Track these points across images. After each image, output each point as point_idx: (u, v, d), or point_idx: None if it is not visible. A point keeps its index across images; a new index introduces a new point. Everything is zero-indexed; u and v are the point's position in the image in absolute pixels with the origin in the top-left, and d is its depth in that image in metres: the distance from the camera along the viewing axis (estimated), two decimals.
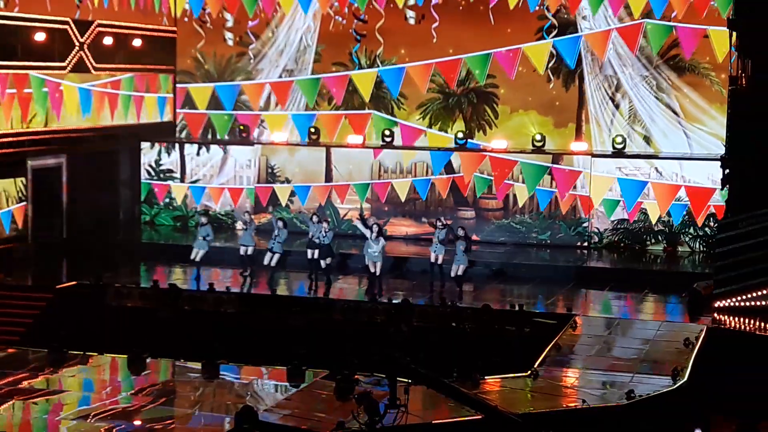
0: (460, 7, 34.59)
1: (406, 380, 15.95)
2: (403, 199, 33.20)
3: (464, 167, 32.49)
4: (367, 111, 35.04)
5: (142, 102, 35.22)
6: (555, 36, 34.00)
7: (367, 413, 15.04)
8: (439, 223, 27.97)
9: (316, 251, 27.67)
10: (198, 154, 34.63)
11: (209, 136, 36.59)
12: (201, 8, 36.27)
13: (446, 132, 34.85)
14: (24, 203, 30.27)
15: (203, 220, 28.90)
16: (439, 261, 27.52)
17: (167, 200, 34.71)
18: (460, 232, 27.34)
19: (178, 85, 36.80)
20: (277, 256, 28.03)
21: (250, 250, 28.43)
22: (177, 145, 34.85)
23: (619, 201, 31.68)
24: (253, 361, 22.39)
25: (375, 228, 27.35)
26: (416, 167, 33.25)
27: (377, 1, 35.04)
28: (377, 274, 27.11)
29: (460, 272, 27.03)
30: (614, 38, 33.62)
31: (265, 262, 28.05)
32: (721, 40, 31.51)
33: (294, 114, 35.70)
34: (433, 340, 23.41)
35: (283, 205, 34.06)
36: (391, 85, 35.28)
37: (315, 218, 28.35)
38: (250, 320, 25.17)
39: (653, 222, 31.43)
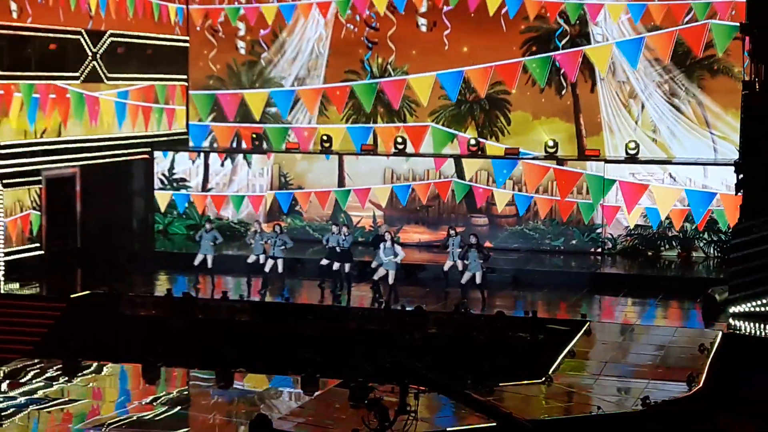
0: (472, 15, 34.56)
1: (416, 386, 15.92)
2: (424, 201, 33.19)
3: (528, 180, 32.36)
4: (425, 123, 34.77)
5: (152, 111, 35.27)
6: (567, 42, 33.96)
7: (377, 419, 15.02)
8: (452, 231, 27.94)
9: (336, 263, 27.71)
10: (222, 165, 34.66)
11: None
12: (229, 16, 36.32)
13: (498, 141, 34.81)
14: (38, 212, 30.33)
15: (208, 226, 28.92)
16: (459, 268, 27.45)
17: (183, 209, 34.80)
18: (473, 240, 27.31)
19: (205, 92, 36.74)
20: (279, 261, 28.06)
21: (261, 259, 28.42)
22: (188, 155, 34.91)
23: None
24: (266, 369, 22.39)
25: (387, 236, 27.34)
26: (428, 174, 33.22)
27: (389, 8, 35.07)
28: (390, 282, 27.12)
29: (477, 280, 26.94)
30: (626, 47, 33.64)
31: (266, 269, 28.12)
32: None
33: (350, 127, 35.45)
34: (447, 347, 23.36)
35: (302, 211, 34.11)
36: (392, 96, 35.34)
37: (335, 228, 28.40)
38: (263, 329, 25.14)
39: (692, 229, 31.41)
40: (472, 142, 33.48)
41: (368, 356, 21.56)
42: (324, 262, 27.88)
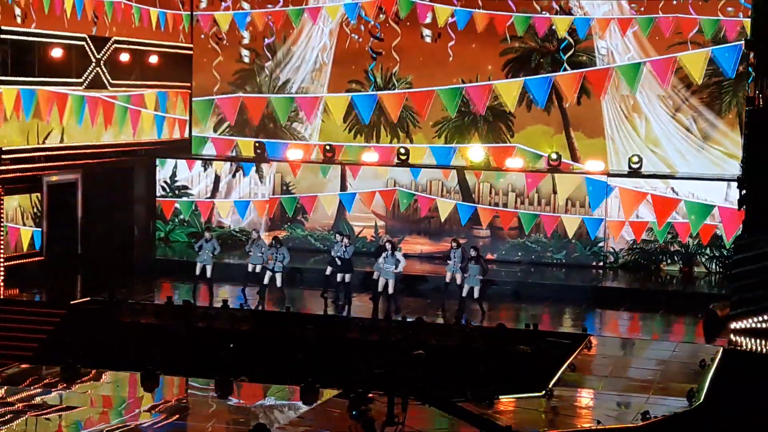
0: (477, 28, 34.57)
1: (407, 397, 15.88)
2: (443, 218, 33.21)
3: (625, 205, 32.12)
4: (511, 144, 34.67)
5: (154, 118, 35.27)
6: (571, 55, 33.96)
7: (363, 430, 14.99)
8: (454, 244, 27.89)
9: (338, 272, 27.74)
10: (234, 176, 34.63)
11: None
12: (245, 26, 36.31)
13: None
14: (39, 219, 30.33)
15: (207, 235, 28.87)
16: (458, 281, 27.43)
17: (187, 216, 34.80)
18: (473, 253, 27.26)
19: (228, 96, 36.73)
20: (278, 275, 28.02)
21: (258, 268, 28.39)
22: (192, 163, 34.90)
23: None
24: (266, 378, 22.33)
25: (389, 246, 27.30)
26: (431, 185, 33.19)
27: (393, 18, 35.09)
28: (390, 292, 27.04)
29: (476, 294, 26.90)
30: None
31: (265, 282, 28.08)
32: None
33: (434, 147, 35.26)
34: (447, 359, 23.29)
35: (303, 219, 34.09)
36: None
37: (338, 236, 28.35)
38: (263, 338, 25.08)
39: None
40: (554, 156, 33.23)
41: (368, 367, 21.53)
42: (328, 271, 27.88)
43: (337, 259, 27.69)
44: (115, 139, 33.37)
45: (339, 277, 27.80)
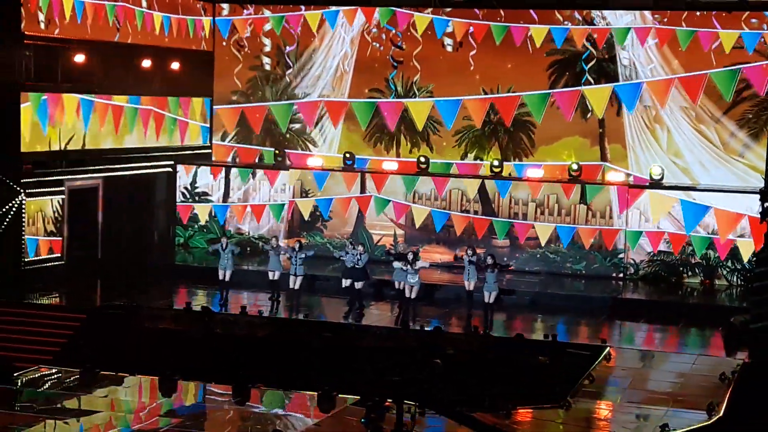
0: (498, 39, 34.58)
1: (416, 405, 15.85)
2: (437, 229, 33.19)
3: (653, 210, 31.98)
4: (599, 162, 34.29)
5: (178, 124, 35.35)
6: (593, 65, 33.91)
7: None
8: (469, 251, 27.87)
9: (350, 281, 27.78)
10: (253, 177, 34.74)
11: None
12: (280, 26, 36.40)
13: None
14: (60, 223, 30.43)
15: (224, 241, 28.94)
16: (471, 287, 27.49)
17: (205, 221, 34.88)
18: (489, 261, 27.25)
19: (230, 106, 36.84)
20: (299, 278, 28.12)
21: (276, 275, 28.44)
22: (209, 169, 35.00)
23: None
24: (282, 385, 22.33)
25: (410, 256, 27.31)
26: (450, 194, 33.17)
27: (414, 27, 35.10)
28: (412, 297, 27.10)
29: (491, 300, 26.95)
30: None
31: (291, 286, 28.17)
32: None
33: (517, 164, 34.62)
34: (464, 369, 23.25)
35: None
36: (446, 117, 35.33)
37: (360, 248, 28.47)
38: (281, 344, 25.08)
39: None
40: (574, 167, 32.94)
41: (385, 375, 21.53)
42: (347, 283, 27.98)
43: (348, 265, 27.80)
44: (137, 144, 33.42)
45: (347, 282, 27.90)
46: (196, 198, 34.88)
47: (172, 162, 34.75)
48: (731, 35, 32.56)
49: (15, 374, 22.60)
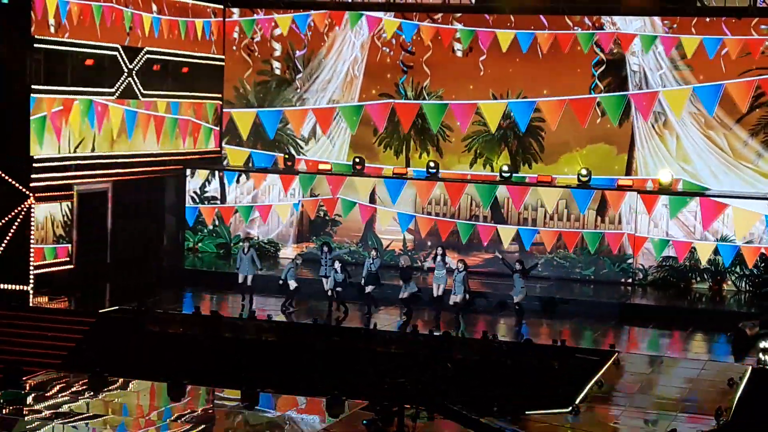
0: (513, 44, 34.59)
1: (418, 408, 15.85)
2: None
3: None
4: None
5: (187, 128, 35.39)
6: (603, 71, 33.90)
7: None
8: (461, 264, 27.95)
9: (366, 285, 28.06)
10: (237, 181, 34.76)
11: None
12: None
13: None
14: (69, 228, 30.48)
15: (246, 245, 29.01)
16: (439, 292, 27.93)
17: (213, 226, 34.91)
18: (518, 266, 27.64)
19: (225, 110, 36.97)
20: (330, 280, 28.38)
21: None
22: (216, 173, 35.01)
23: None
24: (292, 390, 22.34)
25: (439, 250, 27.90)
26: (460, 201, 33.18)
27: (425, 33, 35.12)
28: (439, 294, 27.67)
29: (517, 300, 27.47)
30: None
31: (326, 287, 28.47)
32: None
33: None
34: (473, 373, 23.24)
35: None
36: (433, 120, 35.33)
37: (374, 252, 28.70)
38: (290, 349, 25.09)
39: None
40: (583, 172, 32.69)
41: (394, 379, 21.52)
42: (369, 289, 28.07)
43: (364, 270, 27.94)
44: (146, 148, 33.48)
45: (368, 289, 28.05)
46: (206, 203, 34.88)
47: (182, 166, 34.81)
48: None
49: (23, 378, 22.64)
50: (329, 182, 33.99)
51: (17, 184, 28.69)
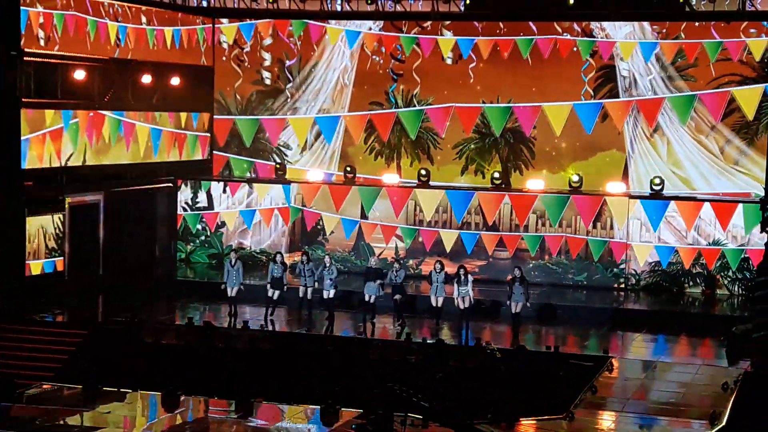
0: (498, 49, 34.62)
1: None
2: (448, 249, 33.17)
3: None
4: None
5: (178, 140, 35.36)
6: (592, 77, 33.99)
7: None
8: (437, 266, 28.02)
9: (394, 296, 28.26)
10: (224, 191, 34.80)
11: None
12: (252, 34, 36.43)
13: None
14: (61, 239, 30.44)
15: (233, 256, 29.00)
16: (439, 303, 27.93)
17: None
18: (517, 273, 27.62)
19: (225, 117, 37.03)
20: (309, 289, 28.42)
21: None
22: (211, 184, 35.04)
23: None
24: (286, 399, 22.30)
25: (462, 271, 27.66)
26: (451, 209, 33.17)
27: (422, 44, 35.18)
28: (466, 306, 27.50)
29: (518, 310, 27.29)
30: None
31: (300, 295, 28.50)
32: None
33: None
34: (467, 381, 23.24)
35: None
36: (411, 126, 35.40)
37: (396, 264, 28.85)
38: (284, 358, 25.07)
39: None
40: (575, 178, 32.82)
41: (388, 387, 21.53)
42: (396, 297, 28.21)
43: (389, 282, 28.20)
44: (138, 160, 33.45)
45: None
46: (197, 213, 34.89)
47: (173, 177, 34.78)
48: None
49: (17, 391, 22.57)
50: (393, 194, 33.68)
51: (9, 197, 28.63)
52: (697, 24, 33.06)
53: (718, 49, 32.74)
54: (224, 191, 34.85)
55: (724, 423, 19.91)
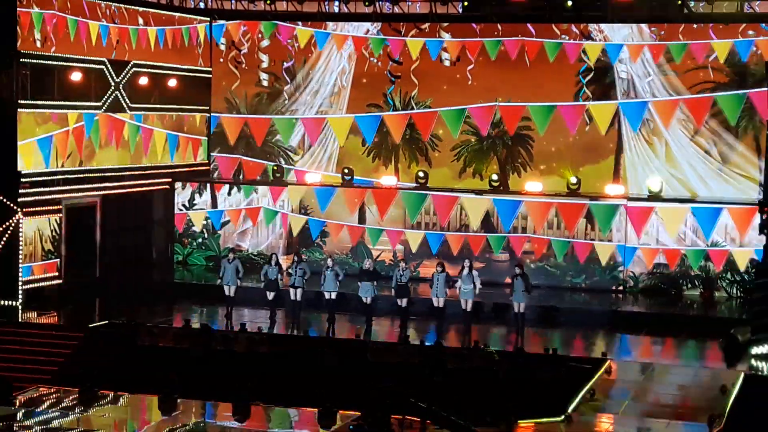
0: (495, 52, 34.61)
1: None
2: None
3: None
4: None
5: (176, 141, 35.33)
6: (590, 79, 33.95)
7: None
8: (439, 268, 27.85)
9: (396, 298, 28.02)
10: (229, 194, 34.74)
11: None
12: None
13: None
14: (57, 242, 30.38)
15: (231, 256, 28.97)
16: (440, 304, 27.70)
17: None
18: (517, 270, 27.42)
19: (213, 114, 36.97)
20: (299, 290, 28.27)
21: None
22: (208, 186, 34.96)
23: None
24: (284, 402, 22.25)
25: (467, 263, 27.42)
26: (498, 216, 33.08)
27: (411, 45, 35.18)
28: (468, 310, 27.31)
29: (522, 309, 27.10)
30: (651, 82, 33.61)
31: (292, 298, 28.31)
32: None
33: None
34: (465, 383, 23.19)
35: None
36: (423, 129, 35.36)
37: (402, 263, 28.60)
38: (281, 361, 25.02)
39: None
40: (573, 180, 32.60)
41: (385, 390, 21.45)
42: (403, 303, 28.05)
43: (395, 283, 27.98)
44: (135, 162, 33.40)
45: (401, 302, 28.00)
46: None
47: (170, 179, 34.74)
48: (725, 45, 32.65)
49: (13, 394, 22.50)
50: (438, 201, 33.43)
51: (5, 199, 28.57)
52: (695, 26, 33.02)
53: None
54: (229, 193, 34.77)
55: (722, 425, 19.85)
